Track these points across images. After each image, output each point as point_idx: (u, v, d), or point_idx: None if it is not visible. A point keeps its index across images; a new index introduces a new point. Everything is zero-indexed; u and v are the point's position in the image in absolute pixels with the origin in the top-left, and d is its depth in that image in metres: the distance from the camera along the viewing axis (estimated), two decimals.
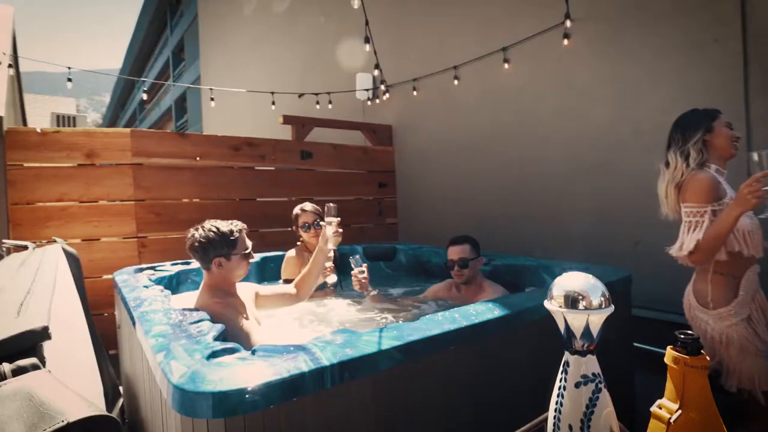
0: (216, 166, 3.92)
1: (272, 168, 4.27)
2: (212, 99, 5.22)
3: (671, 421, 0.61)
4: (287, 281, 2.70)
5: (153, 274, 2.65)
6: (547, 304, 0.64)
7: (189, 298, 2.20)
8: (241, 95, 6.35)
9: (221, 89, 5.86)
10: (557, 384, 0.65)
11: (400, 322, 1.97)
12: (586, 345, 0.60)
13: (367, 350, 1.36)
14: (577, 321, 0.59)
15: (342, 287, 2.90)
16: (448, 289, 2.71)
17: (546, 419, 0.77)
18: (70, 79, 3.85)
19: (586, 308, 0.59)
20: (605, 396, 0.61)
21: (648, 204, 1.99)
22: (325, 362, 1.28)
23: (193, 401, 1.13)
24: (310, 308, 2.51)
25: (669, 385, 0.63)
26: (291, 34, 7.55)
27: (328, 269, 2.47)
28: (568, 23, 3.18)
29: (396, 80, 4.97)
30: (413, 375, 1.46)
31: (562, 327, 0.61)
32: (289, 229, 2.92)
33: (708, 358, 0.60)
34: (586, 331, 0.59)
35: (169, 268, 2.84)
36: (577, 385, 0.61)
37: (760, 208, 1.52)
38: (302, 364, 1.26)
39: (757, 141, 2.46)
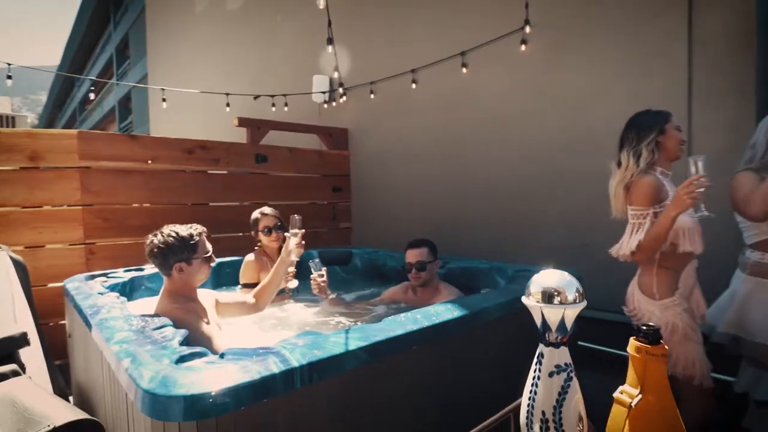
0: (168, 170, 3.79)
1: (225, 172, 4.18)
2: (164, 100, 5.04)
3: (632, 405, 0.69)
4: (246, 285, 2.67)
5: (106, 281, 2.55)
6: (524, 299, 0.70)
7: (146, 304, 2.14)
8: (191, 96, 6.17)
9: (173, 89, 5.66)
10: (531, 374, 0.71)
11: (359, 324, 2.01)
12: (560, 337, 0.67)
13: (334, 351, 1.40)
14: (553, 315, 0.66)
15: (298, 291, 2.90)
16: (405, 292, 2.78)
17: (516, 408, 0.83)
18: (9, 76, 3.60)
19: (561, 303, 0.65)
20: (575, 384, 0.68)
21: (597, 207, 2.11)
22: (295, 363, 1.31)
23: (165, 405, 1.13)
24: (269, 312, 2.50)
25: (630, 373, 0.71)
26: (245, 33, 7.41)
27: (290, 274, 2.47)
28: (527, 29, 3.33)
29: (353, 83, 5.01)
30: (379, 375, 1.52)
31: (538, 321, 0.68)
32: (241, 234, 2.89)
33: (665, 347, 0.69)
34: (561, 324, 0.65)
35: (122, 275, 2.74)
36: (551, 374, 0.68)
37: (696, 208, 1.68)
38: (273, 366, 1.28)
39: (698, 146, 2.71)
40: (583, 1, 3.29)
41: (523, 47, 3.43)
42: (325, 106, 5.46)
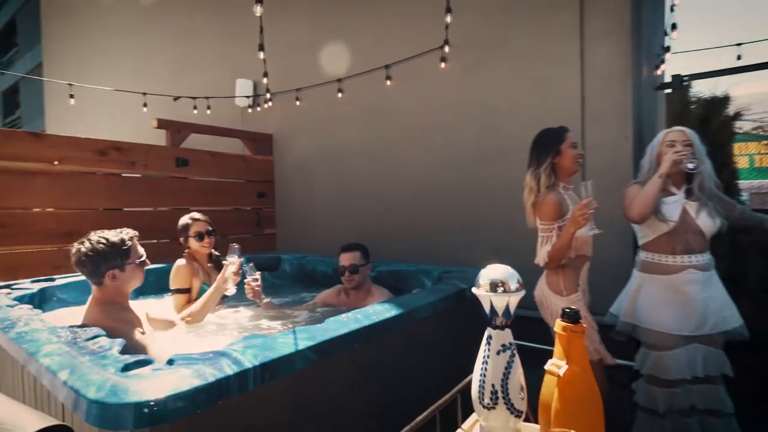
0: (77, 172, 3.52)
1: (139, 175, 3.96)
2: (72, 96, 4.64)
3: (560, 374, 0.84)
4: (179, 291, 2.60)
5: (10, 293, 2.33)
6: (475, 290, 0.83)
7: (66, 315, 2.01)
8: (97, 93, 5.71)
9: (83, 86, 5.20)
10: (481, 354, 0.84)
11: (292, 327, 2.06)
12: (504, 321, 0.81)
13: (284, 351, 1.46)
14: (499, 302, 0.79)
15: (231, 297, 2.86)
16: (338, 295, 2.86)
17: (463, 388, 0.96)
18: None
19: (506, 292, 0.79)
20: (517, 360, 0.82)
21: (506, 214, 2.36)
22: (248, 364, 1.35)
23: (117, 413, 1.12)
24: (206, 319, 2.44)
25: (557, 348, 0.87)
26: (164, 29, 7.01)
27: (235, 278, 2.44)
28: (446, 48, 3.58)
29: (278, 89, 4.98)
30: (326, 373, 1.59)
31: (487, 308, 0.81)
32: (156, 240, 2.79)
33: (584, 325, 0.86)
34: (506, 310, 0.79)
35: (29, 286, 2.52)
36: (498, 352, 0.81)
37: (589, 227, 1.96)
38: (226, 368, 1.31)
39: (591, 162, 3.09)
40: (497, 26, 3.62)
41: (443, 65, 3.67)
42: (250, 110, 5.37)
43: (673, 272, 1.96)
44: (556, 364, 0.85)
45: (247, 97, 5.48)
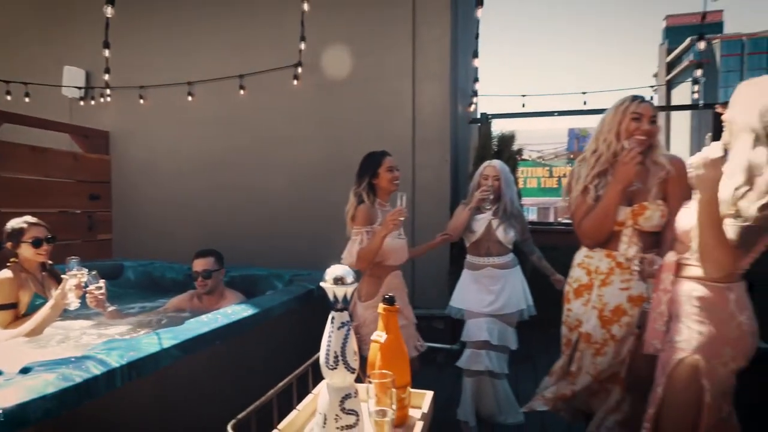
0: None
1: None
2: None
3: (382, 341, 1.21)
4: (2, 307, 2.37)
5: None
6: (322, 283, 1.15)
7: None
8: None
9: None
10: (327, 331, 1.16)
11: (147, 332, 2.13)
12: (343, 306, 1.14)
13: (150, 350, 1.59)
14: (339, 292, 1.12)
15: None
16: (190, 300, 2.93)
17: (313, 362, 1.28)
18: None
19: (344, 284, 1.12)
20: (352, 333, 1.16)
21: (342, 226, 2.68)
22: (115, 364, 1.46)
23: None
24: (45, 332, 2.31)
25: (380, 323, 1.24)
26: None
27: (77, 293, 2.31)
28: (299, 69, 3.86)
29: (118, 83, 4.65)
30: (190, 368, 1.75)
31: (331, 297, 1.13)
32: None
33: (397, 306, 1.24)
34: (344, 297, 1.13)
35: None
36: (339, 328, 1.14)
37: (397, 233, 2.37)
38: (93, 369, 1.41)
39: (419, 179, 3.67)
40: (345, 58, 4.04)
41: (295, 82, 3.95)
42: (81, 103, 4.90)
43: (478, 268, 2.60)
44: (379, 335, 1.22)
45: (79, 88, 5.00)
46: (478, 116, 3.96)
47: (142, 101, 4.65)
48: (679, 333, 1.37)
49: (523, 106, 4.74)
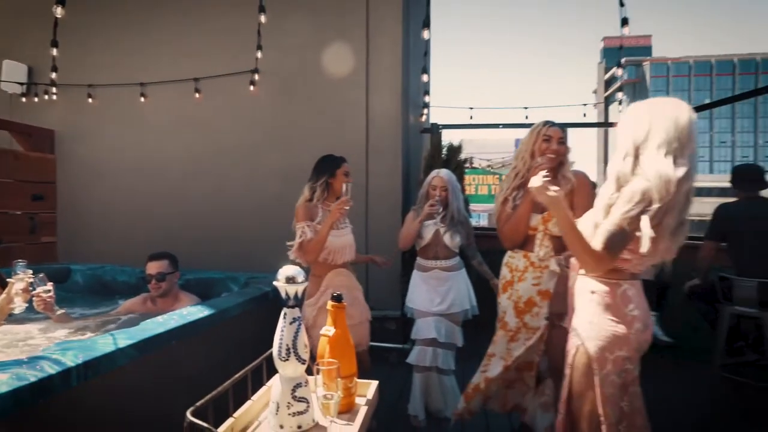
0: None
1: None
2: None
3: (330, 335, 1.33)
4: None
5: None
6: (275, 282, 1.25)
7: None
8: None
9: None
10: (280, 325, 1.27)
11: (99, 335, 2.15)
12: (294, 303, 1.25)
13: (106, 350, 1.64)
14: (291, 290, 1.23)
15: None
16: (143, 303, 2.93)
17: (267, 357, 1.38)
18: None
19: (295, 282, 1.24)
20: (303, 327, 1.28)
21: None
22: (70, 363, 1.50)
23: None
24: None
25: (329, 318, 1.36)
26: None
27: (24, 296, 2.26)
28: (256, 76, 3.90)
29: (65, 81, 4.51)
30: (146, 367, 1.80)
31: (284, 294, 1.24)
32: None
33: (345, 305, 1.36)
34: (295, 295, 1.24)
35: None
36: (291, 323, 1.25)
37: (343, 221, 2.49)
38: (48, 368, 1.45)
39: (372, 186, 3.80)
40: (300, 68, 4.14)
41: (252, 88, 3.99)
42: (23, 99, 4.72)
43: (427, 270, 2.77)
44: (328, 329, 1.34)
45: (20, 84, 4.82)
46: (429, 126, 4.15)
47: (90, 100, 4.53)
48: (575, 324, 1.55)
49: (471, 118, 5.01)
